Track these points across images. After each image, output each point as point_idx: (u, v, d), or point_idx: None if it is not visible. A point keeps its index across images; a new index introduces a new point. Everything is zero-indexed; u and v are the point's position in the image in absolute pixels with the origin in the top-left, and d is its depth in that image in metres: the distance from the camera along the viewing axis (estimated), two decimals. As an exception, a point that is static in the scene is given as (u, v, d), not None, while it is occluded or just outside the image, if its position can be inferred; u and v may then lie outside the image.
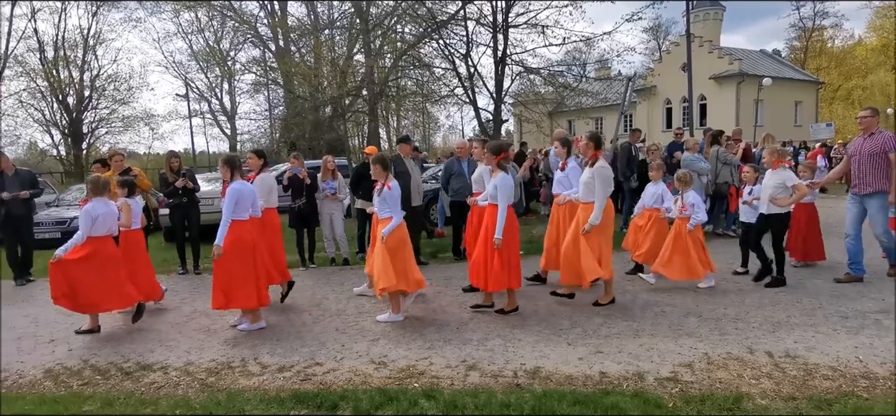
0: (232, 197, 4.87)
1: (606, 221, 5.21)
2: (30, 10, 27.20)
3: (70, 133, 29.53)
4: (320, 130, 21.09)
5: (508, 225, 4.95)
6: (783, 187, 5.76)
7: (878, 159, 5.72)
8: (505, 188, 4.94)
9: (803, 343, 4.25)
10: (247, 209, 5.03)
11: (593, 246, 5.16)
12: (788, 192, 5.74)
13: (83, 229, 4.88)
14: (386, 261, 4.96)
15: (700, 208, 6.02)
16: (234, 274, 4.87)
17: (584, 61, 18.78)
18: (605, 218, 5.17)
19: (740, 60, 33.29)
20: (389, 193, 5.11)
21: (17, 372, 4.28)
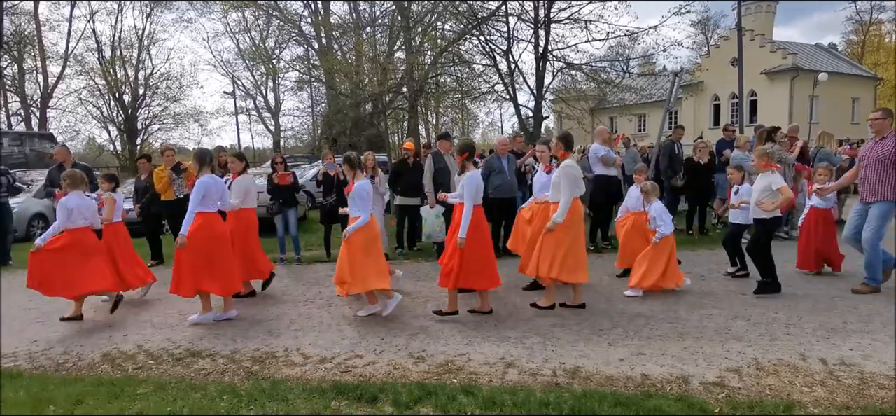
0: (199, 190, 5.08)
1: (573, 221, 5.07)
2: (89, 11, 28.65)
3: (125, 129, 31.00)
4: (361, 127, 21.39)
5: (475, 224, 4.89)
6: (769, 191, 5.46)
7: (886, 166, 5.32)
8: (470, 187, 4.89)
9: (859, 351, 4.04)
10: (215, 203, 5.26)
11: (550, 245, 5.04)
12: (774, 196, 5.44)
13: (60, 221, 5.17)
14: (354, 261, 5.00)
15: (665, 220, 5.75)
16: (196, 262, 5.07)
17: (627, 57, 18.37)
18: (573, 218, 5.04)
19: (794, 55, 31.85)
20: (357, 190, 5.11)
21: (77, 355, 4.52)
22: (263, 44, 31.37)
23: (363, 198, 5.09)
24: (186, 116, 33.53)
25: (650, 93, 27.45)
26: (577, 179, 5.09)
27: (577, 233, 5.14)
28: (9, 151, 15.37)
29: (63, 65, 28.63)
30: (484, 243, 5.02)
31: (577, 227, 5.13)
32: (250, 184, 6.32)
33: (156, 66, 31.76)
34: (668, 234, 5.73)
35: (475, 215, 4.89)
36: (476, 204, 4.92)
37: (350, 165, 5.27)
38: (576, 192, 5.09)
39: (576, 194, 5.10)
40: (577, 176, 5.11)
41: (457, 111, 28.93)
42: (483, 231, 5.02)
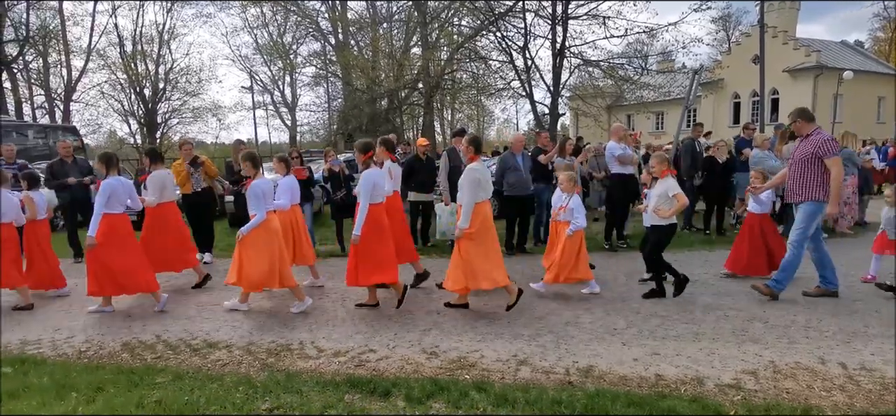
0: (105, 192, 5.20)
1: (481, 225, 5.02)
2: (111, 7, 29.12)
3: (146, 123, 31.48)
4: (377, 122, 21.46)
5: (370, 222, 5.00)
6: (666, 197, 5.34)
7: (809, 164, 5.17)
8: (366, 185, 5.03)
9: (881, 356, 3.96)
10: (123, 203, 5.37)
11: (466, 254, 4.98)
12: (671, 202, 5.30)
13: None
14: (247, 260, 5.06)
15: (580, 214, 5.65)
16: (107, 263, 5.20)
17: (646, 54, 18.19)
18: (480, 222, 4.99)
19: (818, 52, 31.18)
20: (253, 189, 5.11)
21: (98, 344, 4.63)
22: (281, 39, 31.62)
23: (259, 197, 5.12)
24: (205, 111, 33.95)
25: (669, 90, 27.12)
26: (480, 182, 5.04)
27: (487, 237, 5.10)
28: (33, 143, 15.72)
29: (86, 59, 29.15)
30: (381, 239, 5.16)
31: (485, 231, 5.09)
32: (165, 178, 6.37)
33: (176, 60, 32.19)
34: (582, 227, 5.66)
35: (372, 213, 5.07)
36: (372, 203, 5.09)
37: (253, 164, 5.26)
38: (481, 195, 5.06)
39: (481, 198, 5.07)
40: (481, 179, 5.06)
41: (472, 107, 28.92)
42: (380, 228, 5.16)
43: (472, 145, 5.25)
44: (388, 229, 5.35)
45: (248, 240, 5.14)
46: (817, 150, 5.16)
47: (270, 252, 5.18)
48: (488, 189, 5.19)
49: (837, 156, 5.16)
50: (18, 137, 14.60)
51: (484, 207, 5.10)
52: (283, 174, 6.45)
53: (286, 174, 6.46)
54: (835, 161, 5.11)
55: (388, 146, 6.25)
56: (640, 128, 32.35)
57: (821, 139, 5.19)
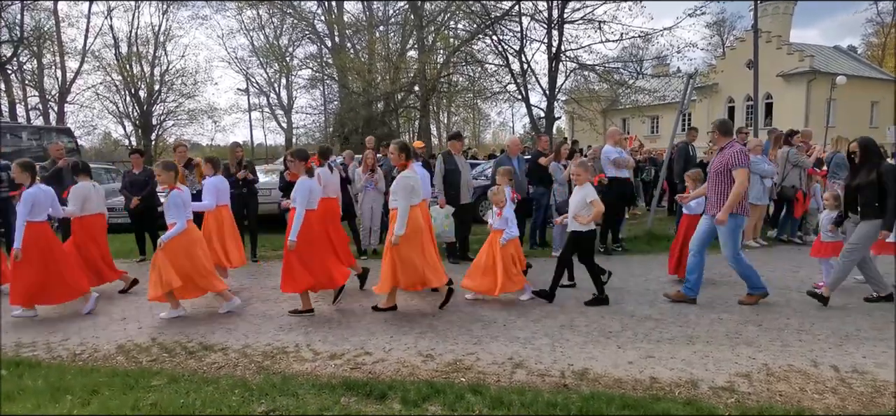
0: (28, 201, 5.19)
1: (414, 230, 5.10)
2: (106, 8, 29.06)
3: (141, 124, 31.41)
4: (373, 125, 21.47)
5: (305, 228, 5.05)
6: (584, 204, 5.39)
7: (723, 176, 5.21)
8: (302, 192, 5.10)
9: (873, 359, 4.00)
10: (44, 211, 5.36)
11: (403, 256, 5.06)
12: (589, 209, 5.37)
13: None
14: (166, 265, 5.06)
15: (512, 224, 5.63)
16: (31, 274, 5.20)
17: (641, 58, 18.30)
18: (412, 227, 5.08)
19: (812, 57, 31.44)
20: (173, 198, 5.12)
21: (93, 347, 4.61)
22: (277, 41, 31.63)
23: (178, 206, 5.13)
24: (200, 113, 33.94)
25: (664, 94, 27.27)
26: (413, 188, 5.13)
27: (417, 241, 5.18)
28: (28, 144, 15.64)
29: (81, 60, 29.08)
30: (317, 245, 5.20)
31: (417, 235, 5.19)
32: (89, 191, 6.27)
33: (171, 62, 32.18)
34: (514, 237, 5.63)
35: (307, 219, 5.10)
36: (308, 208, 5.13)
37: (166, 170, 5.26)
38: (413, 200, 5.13)
39: (414, 203, 5.14)
40: (415, 185, 5.14)
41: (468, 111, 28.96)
42: (315, 235, 5.21)
43: (402, 152, 5.34)
44: (324, 235, 5.43)
45: (168, 247, 5.11)
46: (729, 162, 5.20)
47: (192, 260, 5.19)
48: (421, 194, 5.30)
49: (744, 168, 5.17)
50: (12, 139, 14.52)
51: (416, 212, 5.20)
52: (211, 175, 6.45)
53: (214, 175, 6.46)
54: (740, 172, 5.13)
55: (323, 155, 6.45)
56: (636, 132, 32.50)
57: (732, 152, 5.23)
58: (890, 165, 5.12)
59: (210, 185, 6.37)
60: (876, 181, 5.10)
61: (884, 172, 5.06)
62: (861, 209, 5.27)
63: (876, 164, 5.15)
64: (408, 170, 5.23)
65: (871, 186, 5.14)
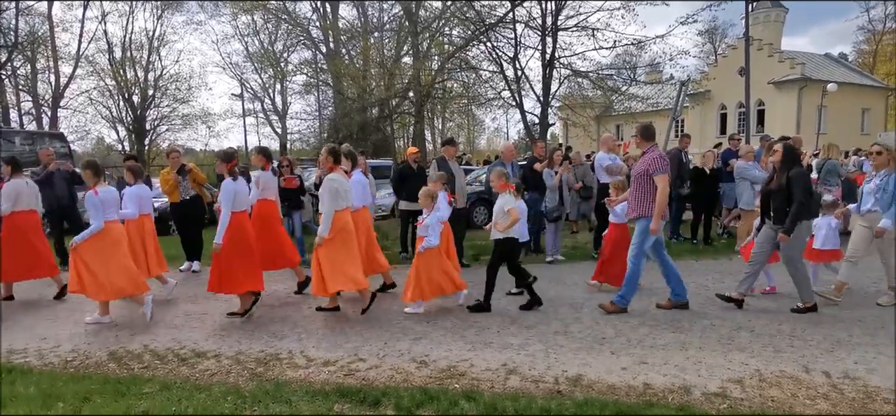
0: None
1: (339, 234, 5.16)
2: (101, 13, 28.95)
3: (134, 130, 31.24)
4: (367, 131, 21.48)
5: (231, 231, 5.09)
6: (502, 212, 5.44)
7: (643, 180, 5.27)
8: (227, 195, 5.12)
9: (864, 364, 4.03)
10: None
11: (323, 259, 5.14)
12: (506, 217, 5.41)
13: None
14: (80, 268, 5.10)
15: (434, 232, 5.58)
16: None
17: (634, 65, 18.43)
18: (340, 230, 5.14)
19: (803, 64, 31.74)
20: (91, 198, 5.13)
21: (85, 353, 4.58)
22: (272, 47, 31.57)
23: (97, 207, 5.13)
24: (194, 118, 33.76)
25: (657, 101, 27.45)
26: (339, 191, 5.17)
27: (346, 243, 5.25)
28: (20, 149, 15.55)
29: (74, 65, 28.91)
30: (242, 248, 5.21)
31: (343, 240, 5.23)
32: (23, 190, 6.28)
33: (165, 67, 32.04)
34: (432, 246, 5.54)
35: (234, 221, 5.13)
36: (234, 211, 5.14)
37: (94, 172, 5.26)
38: (340, 204, 5.17)
39: (341, 206, 5.18)
40: (339, 189, 5.18)
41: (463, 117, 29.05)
42: (241, 237, 5.21)
43: (330, 156, 5.37)
44: (251, 238, 5.43)
45: (81, 248, 5.10)
46: (649, 167, 5.23)
47: (117, 261, 5.20)
48: (347, 199, 5.32)
49: (664, 174, 5.19)
50: (5, 144, 14.43)
51: (344, 215, 5.25)
52: (132, 183, 6.38)
53: (134, 183, 6.40)
54: (661, 178, 5.17)
55: (265, 155, 6.47)
56: (629, 138, 32.64)
57: (652, 157, 5.27)
58: (800, 171, 5.11)
59: (132, 193, 6.28)
60: (786, 185, 5.11)
61: (792, 178, 5.07)
62: (773, 214, 5.31)
63: (788, 168, 5.14)
64: (334, 173, 5.25)
65: (782, 191, 5.16)
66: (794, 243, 5.16)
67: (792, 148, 5.36)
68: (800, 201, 5.01)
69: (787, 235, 5.07)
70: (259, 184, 6.23)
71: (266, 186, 6.32)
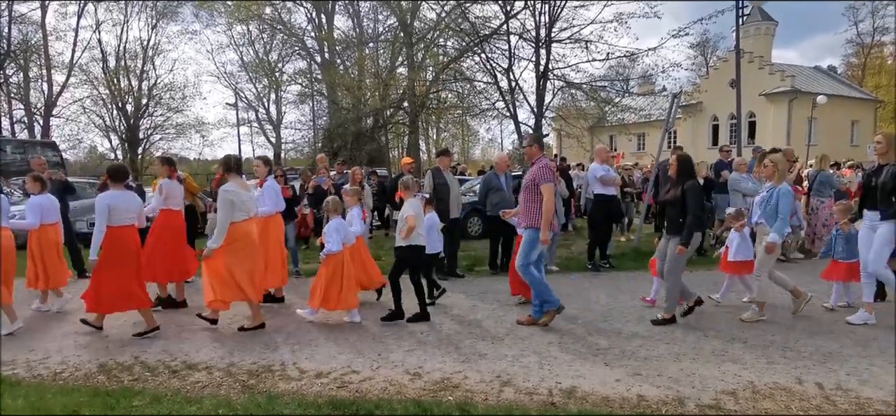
0: None
1: (235, 245, 5.11)
2: (95, 22, 28.89)
3: (127, 139, 31.13)
4: (362, 141, 21.50)
5: (109, 246, 4.96)
6: (402, 220, 5.49)
7: (531, 191, 5.30)
8: (100, 208, 4.97)
9: (856, 376, 4.05)
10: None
11: (213, 269, 5.10)
12: (404, 223, 5.45)
13: None
14: None
15: (333, 239, 5.56)
16: None
17: (627, 76, 18.57)
18: (234, 242, 5.09)
19: (793, 77, 32.14)
20: None
21: (74, 365, 4.52)
22: (267, 57, 31.63)
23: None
24: (188, 127, 33.71)
25: (649, 113, 27.67)
26: (233, 203, 5.08)
27: (243, 255, 5.18)
28: (12, 158, 15.43)
29: (68, 74, 28.83)
30: (120, 264, 5.05)
31: (242, 250, 5.17)
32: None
33: (159, 76, 32.01)
34: (333, 251, 5.55)
35: (114, 236, 5.00)
36: (110, 225, 4.98)
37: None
38: (238, 216, 5.11)
39: (238, 218, 5.11)
40: (237, 200, 5.10)
41: (457, 127, 29.13)
42: (118, 253, 5.05)
43: (222, 166, 5.35)
44: (134, 254, 5.20)
45: None
46: (535, 176, 5.27)
47: None
48: (246, 209, 5.23)
49: (549, 183, 5.22)
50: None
51: (245, 226, 5.19)
52: (37, 192, 6.16)
53: (40, 192, 6.18)
54: (546, 188, 5.19)
55: (169, 164, 6.42)
56: (623, 149, 32.83)
57: (539, 166, 5.30)
58: (694, 183, 5.11)
59: (34, 203, 6.09)
60: (681, 198, 5.14)
61: (687, 190, 5.08)
62: (667, 225, 5.33)
63: (683, 180, 5.16)
64: (230, 183, 5.17)
65: (676, 202, 5.19)
66: (684, 255, 5.15)
67: (687, 160, 5.37)
68: (694, 213, 5.02)
69: (684, 246, 5.06)
70: (162, 192, 6.11)
71: (169, 195, 6.18)
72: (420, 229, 5.52)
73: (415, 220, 5.39)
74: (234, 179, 5.27)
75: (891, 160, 5.14)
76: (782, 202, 5.23)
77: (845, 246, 5.75)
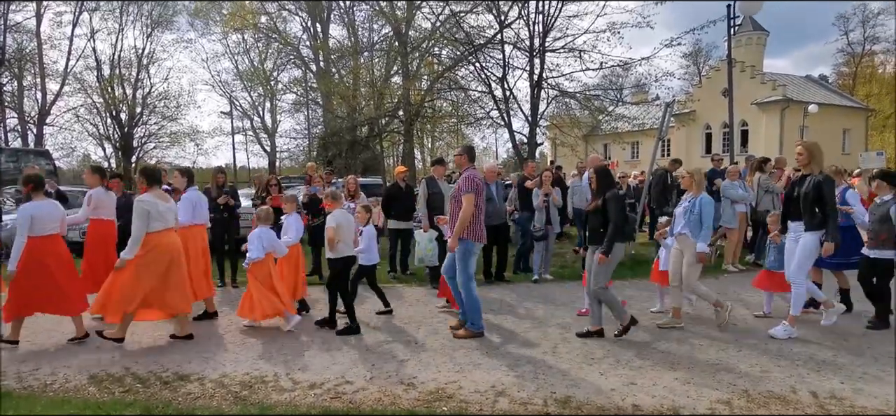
0: None
1: (162, 255, 5.07)
2: (90, 30, 28.82)
3: (121, 147, 30.97)
4: (356, 150, 21.47)
5: (29, 256, 4.92)
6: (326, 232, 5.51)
7: (457, 201, 5.33)
8: (23, 217, 4.95)
9: (850, 384, 4.06)
10: None
11: (123, 281, 5.01)
12: None
13: None
14: None
15: (254, 246, 5.54)
16: None
17: (620, 85, 18.72)
18: (160, 253, 5.05)
19: (784, 86, 32.40)
20: None
21: (64, 376, 4.47)
22: (262, 65, 31.62)
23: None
24: (183, 136, 33.56)
25: (643, 121, 27.82)
26: (148, 213, 4.99)
27: (157, 267, 5.08)
28: (5, 167, 15.32)
29: (62, 82, 28.69)
30: (43, 272, 5.02)
31: (156, 262, 5.07)
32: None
33: (154, 85, 31.90)
34: (255, 259, 5.54)
35: (34, 246, 4.94)
36: (31, 235, 4.94)
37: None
38: (156, 226, 5.04)
39: (156, 228, 5.04)
40: (152, 211, 5.02)
41: (452, 136, 29.15)
42: (38, 262, 5.00)
43: (143, 176, 5.26)
44: (54, 264, 5.11)
45: None
46: (459, 186, 5.31)
47: None
48: (164, 220, 5.13)
49: (470, 193, 5.23)
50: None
51: (164, 236, 5.11)
52: None
53: None
54: (466, 198, 5.21)
55: (99, 172, 6.32)
56: (617, 157, 32.98)
57: (464, 177, 5.33)
58: (614, 193, 5.13)
59: None
60: (602, 208, 5.16)
61: (607, 200, 5.11)
62: (589, 236, 5.36)
63: (604, 190, 5.18)
64: (145, 194, 5.10)
65: (597, 213, 5.21)
66: (607, 265, 5.14)
67: (606, 171, 5.40)
68: (615, 223, 5.02)
69: (604, 255, 5.07)
70: (90, 203, 6.02)
71: (98, 205, 6.09)
72: (347, 240, 5.56)
73: (335, 232, 5.41)
74: (153, 190, 5.17)
75: (813, 171, 5.11)
76: (705, 212, 5.29)
77: (777, 256, 5.81)
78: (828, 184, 4.99)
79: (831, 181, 5.08)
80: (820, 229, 5.01)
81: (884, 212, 5.36)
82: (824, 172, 5.12)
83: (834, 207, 4.99)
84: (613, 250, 5.07)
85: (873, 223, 5.46)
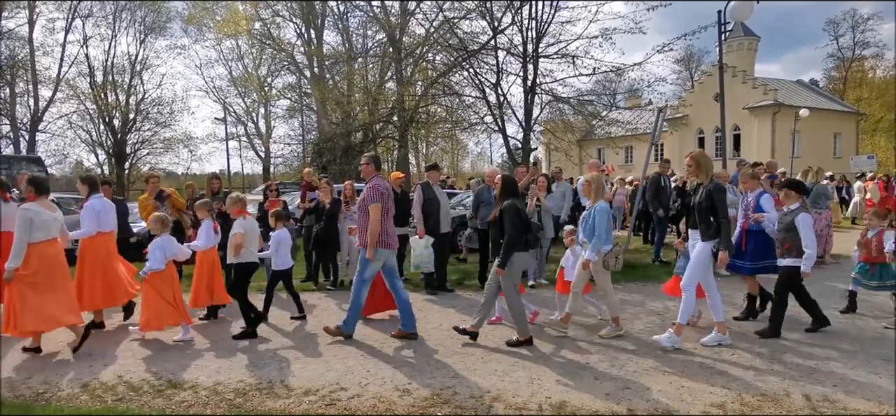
0: None
1: (46, 266, 4.98)
2: (82, 37, 28.72)
3: (114, 153, 30.83)
4: (351, 155, 21.46)
5: None
6: (231, 238, 5.57)
7: (363, 210, 5.39)
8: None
9: (842, 387, 4.09)
10: None
11: (15, 295, 4.88)
12: None
13: None
14: None
15: (155, 257, 5.50)
16: None
17: (613, 91, 18.74)
18: (45, 264, 4.96)
19: (776, 91, 32.68)
20: None
21: (56, 385, 4.43)
22: (256, 71, 31.58)
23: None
24: (176, 142, 33.45)
25: (636, 126, 27.95)
26: (33, 221, 4.90)
27: (40, 279, 4.96)
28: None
29: (54, 89, 28.57)
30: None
31: (40, 272, 4.96)
32: None
33: (147, 91, 31.81)
34: (154, 269, 5.49)
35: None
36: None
37: None
38: (38, 236, 4.93)
39: (39, 238, 4.94)
40: (36, 220, 4.93)
41: (446, 141, 29.23)
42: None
43: (31, 185, 5.15)
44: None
45: None
46: (364, 196, 5.36)
47: None
48: (48, 230, 5.03)
49: (376, 203, 5.25)
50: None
51: (49, 247, 5.02)
52: None
53: None
54: (372, 208, 5.25)
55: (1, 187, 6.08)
56: (611, 162, 33.11)
57: (369, 186, 5.37)
58: (511, 203, 5.09)
59: None
60: (499, 218, 5.14)
61: (503, 211, 5.10)
62: (491, 246, 5.38)
63: (503, 200, 5.15)
64: (31, 203, 5.03)
65: (497, 222, 5.21)
66: (509, 274, 5.11)
67: (510, 180, 5.39)
68: (510, 234, 5.00)
69: (501, 267, 5.05)
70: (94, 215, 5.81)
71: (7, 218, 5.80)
72: (251, 247, 5.60)
73: (242, 238, 5.45)
74: (40, 199, 5.09)
75: (703, 180, 5.11)
76: (599, 219, 5.27)
77: (685, 262, 5.77)
78: (718, 192, 4.93)
79: (722, 190, 4.99)
80: (715, 237, 4.97)
81: (789, 221, 5.27)
82: (715, 181, 5.07)
83: (726, 215, 4.90)
84: (511, 261, 5.04)
85: (780, 232, 5.40)
